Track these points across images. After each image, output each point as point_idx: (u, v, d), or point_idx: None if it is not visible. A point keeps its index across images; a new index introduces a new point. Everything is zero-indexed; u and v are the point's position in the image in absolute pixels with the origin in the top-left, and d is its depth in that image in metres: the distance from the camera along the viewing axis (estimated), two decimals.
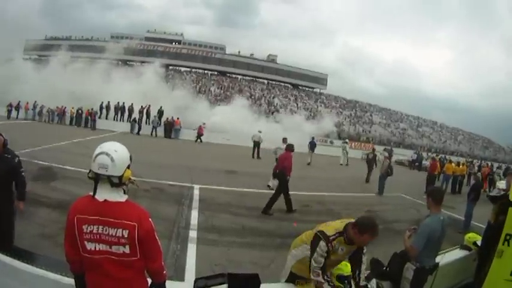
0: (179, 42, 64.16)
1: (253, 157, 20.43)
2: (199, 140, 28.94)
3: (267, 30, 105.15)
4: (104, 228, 2.01)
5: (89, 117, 30.80)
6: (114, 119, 33.44)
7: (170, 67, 56.22)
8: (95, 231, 2.02)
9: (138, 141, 22.61)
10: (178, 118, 31.15)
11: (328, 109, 56.42)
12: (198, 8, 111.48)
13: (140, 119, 31.67)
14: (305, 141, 23.08)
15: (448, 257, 4.47)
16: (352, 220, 3.11)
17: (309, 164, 21.34)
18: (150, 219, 2.09)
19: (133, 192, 9.30)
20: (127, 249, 2.03)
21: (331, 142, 42.10)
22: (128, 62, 50.60)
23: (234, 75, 62.47)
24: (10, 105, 30.36)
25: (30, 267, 3.10)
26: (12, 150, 4.47)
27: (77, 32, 56.20)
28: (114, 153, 2.05)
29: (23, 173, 4.47)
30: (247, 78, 60.47)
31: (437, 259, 3.96)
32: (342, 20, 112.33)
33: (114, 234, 2.00)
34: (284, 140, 14.22)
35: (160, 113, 32.53)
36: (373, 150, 18.72)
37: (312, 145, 23.11)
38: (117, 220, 1.99)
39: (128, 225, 1.99)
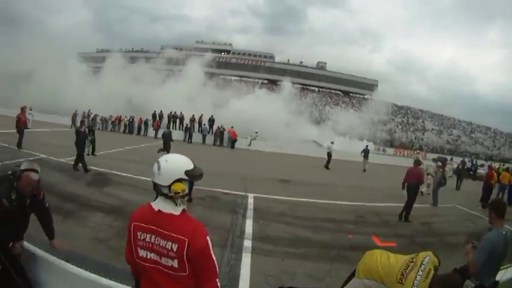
0: (228, 51, 65.85)
1: (326, 168, 20.60)
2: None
3: (316, 37, 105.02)
4: (156, 238, 2.05)
5: (142, 125, 32.11)
6: (166, 127, 34.20)
7: (221, 76, 57.27)
8: (147, 239, 2.08)
9: (189, 148, 23.11)
10: (232, 127, 31.10)
11: (379, 116, 55.05)
12: (245, 17, 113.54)
13: (191, 127, 32.40)
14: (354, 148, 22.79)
15: (509, 273, 4.19)
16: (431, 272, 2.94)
17: (364, 171, 21.92)
18: (207, 236, 2.08)
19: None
20: (175, 264, 2.04)
21: (384, 150, 41.42)
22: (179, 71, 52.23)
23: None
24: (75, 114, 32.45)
25: (83, 271, 3.22)
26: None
27: (127, 45, 59.01)
28: (163, 163, 2.11)
29: (47, 205, 4.14)
30: (297, 86, 60.33)
31: (498, 276, 3.70)
32: (390, 22, 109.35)
33: (164, 245, 2.03)
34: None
35: (212, 121, 33.34)
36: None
37: (366, 153, 23.35)
38: (167, 232, 2.02)
39: (177, 239, 2.01)
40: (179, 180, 2.09)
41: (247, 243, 6.70)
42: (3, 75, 39.62)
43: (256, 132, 31.17)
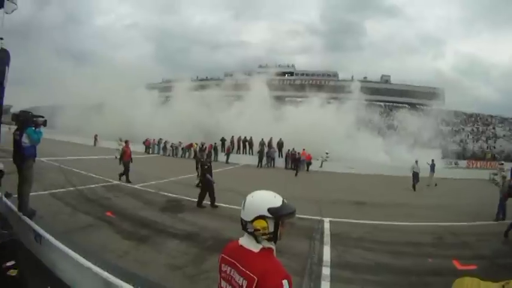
0: (291, 73, 66.56)
1: (413, 189, 19.53)
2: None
3: (376, 49, 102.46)
4: (233, 272, 2.08)
5: (212, 151, 32.67)
6: (236, 152, 35.05)
7: (286, 98, 57.61)
8: (228, 271, 2.12)
9: (258, 172, 23.09)
10: (304, 149, 30.37)
11: (449, 127, 52.35)
12: (303, 37, 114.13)
13: (261, 151, 32.46)
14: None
15: None
16: None
17: (428, 185, 21.23)
18: (282, 280, 1.93)
19: None
20: None
21: (456, 164, 39.20)
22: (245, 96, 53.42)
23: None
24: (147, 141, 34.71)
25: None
26: None
27: (191, 74, 61.56)
28: (249, 198, 2.16)
29: None
30: (363, 102, 59.01)
31: None
32: (448, 26, 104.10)
33: (237, 280, 2.05)
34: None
35: (280, 144, 33.33)
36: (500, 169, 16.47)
37: (432, 167, 23.10)
38: (242, 268, 2.03)
39: (248, 276, 1.98)
40: (261, 217, 2.08)
41: (326, 270, 6.47)
42: (76, 106, 43.31)
43: (327, 153, 30.59)
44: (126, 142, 16.82)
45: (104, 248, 6.52)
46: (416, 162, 20.78)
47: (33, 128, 6.72)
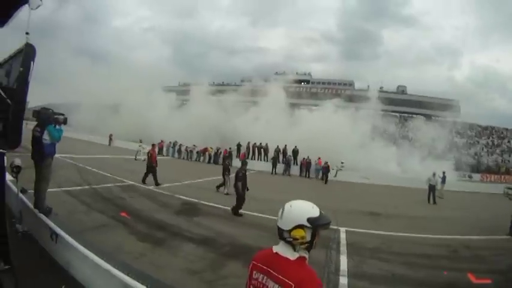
0: (308, 81, 66.65)
1: (428, 202, 19.04)
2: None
3: (393, 59, 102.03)
4: (267, 280, 2.10)
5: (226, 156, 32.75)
6: (251, 158, 34.77)
7: (301, 107, 57.53)
8: (260, 279, 2.14)
9: (272, 179, 22.94)
10: (320, 158, 30.42)
11: (463, 139, 52.02)
12: (320, 45, 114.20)
13: (276, 158, 32.43)
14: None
15: None
16: None
17: (439, 197, 20.30)
18: (317, 286, 2.03)
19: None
20: None
21: (470, 177, 38.77)
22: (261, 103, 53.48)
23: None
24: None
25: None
26: None
27: (208, 78, 61.66)
28: (287, 208, 2.17)
29: None
30: (379, 112, 58.57)
31: None
32: (465, 36, 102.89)
33: (271, 287, 2.06)
34: None
35: (295, 152, 33.16)
36: None
37: (443, 179, 22.90)
38: (277, 275, 2.05)
39: (284, 283, 2.01)
40: (300, 227, 2.12)
41: (343, 280, 6.43)
42: (92, 105, 43.74)
43: (342, 163, 30.34)
44: (153, 145, 16.72)
45: (119, 249, 6.39)
46: (434, 174, 20.29)
47: (54, 126, 6.67)
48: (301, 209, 2.16)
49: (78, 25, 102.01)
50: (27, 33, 3.56)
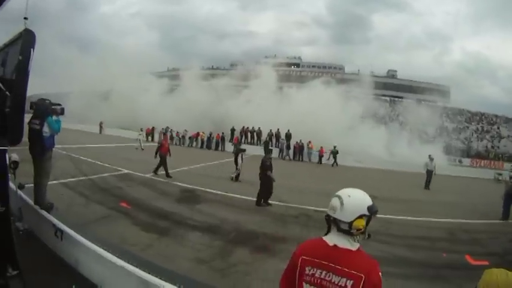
0: (298, 65, 66.40)
1: (425, 187, 18.72)
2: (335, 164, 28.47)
3: (383, 44, 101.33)
4: (328, 274, 2.02)
5: (219, 141, 32.62)
6: (244, 142, 34.57)
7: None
8: (317, 275, 2.05)
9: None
10: (310, 142, 31.31)
11: (454, 124, 52.56)
12: (310, 29, 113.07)
13: (268, 141, 32.45)
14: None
15: None
16: None
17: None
18: (379, 272, 2.01)
19: (283, 218, 9.24)
20: None
21: (460, 161, 39.34)
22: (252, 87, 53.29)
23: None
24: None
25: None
26: None
27: (197, 63, 60.81)
28: (346, 198, 2.11)
29: None
30: (369, 96, 58.79)
31: None
32: (456, 22, 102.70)
33: (336, 282, 1.99)
34: None
35: (288, 136, 33.17)
36: None
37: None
38: (343, 268, 1.99)
39: (354, 275, 1.96)
40: (360, 216, 2.08)
41: None
42: (80, 93, 43.05)
43: (335, 147, 30.29)
44: (164, 134, 16.22)
45: (125, 241, 6.23)
46: (432, 159, 19.63)
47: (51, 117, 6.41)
48: (360, 199, 2.12)
49: (64, 12, 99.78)
50: (25, 18, 3.32)
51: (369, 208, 2.10)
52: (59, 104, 6.65)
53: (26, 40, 3.13)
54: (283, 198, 11.37)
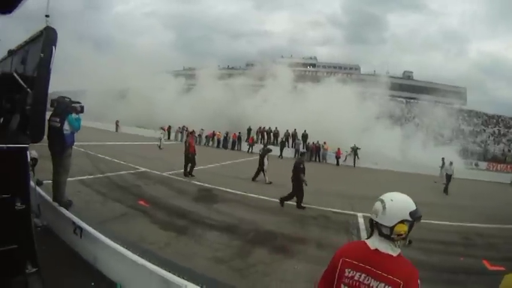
0: (314, 65, 66.22)
1: (445, 192, 18.03)
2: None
3: (399, 44, 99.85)
4: (366, 278, 2.01)
5: (236, 140, 32.70)
6: (260, 142, 34.46)
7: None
8: (356, 277, 2.04)
9: (280, 163, 22.68)
10: (325, 143, 31.09)
11: (470, 127, 51.55)
12: (325, 29, 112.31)
13: (285, 142, 32.51)
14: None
15: None
16: None
17: (435, 182, 20.44)
18: (418, 280, 2.00)
19: (302, 219, 9.15)
20: None
21: (476, 165, 38.39)
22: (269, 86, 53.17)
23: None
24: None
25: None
26: None
27: (213, 62, 60.89)
28: (388, 202, 2.09)
29: None
30: (385, 97, 58.12)
31: None
32: (473, 23, 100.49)
33: (375, 287, 1.98)
34: None
35: (305, 136, 33.11)
36: None
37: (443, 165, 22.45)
38: (383, 273, 1.98)
39: (393, 282, 1.94)
40: (402, 222, 2.05)
41: None
42: (97, 92, 43.45)
43: (355, 145, 30.06)
44: (191, 134, 16.04)
45: (143, 239, 6.22)
46: (451, 163, 19.21)
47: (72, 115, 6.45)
48: (403, 203, 2.10)
49: (80, 12, 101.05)
50: (47, 16, 3.30)
51: (412, 213, 2.06)
52: (79, 102, 6.68)
53: (47, 38, 3.11)
54: (303, 199, 11.21)
